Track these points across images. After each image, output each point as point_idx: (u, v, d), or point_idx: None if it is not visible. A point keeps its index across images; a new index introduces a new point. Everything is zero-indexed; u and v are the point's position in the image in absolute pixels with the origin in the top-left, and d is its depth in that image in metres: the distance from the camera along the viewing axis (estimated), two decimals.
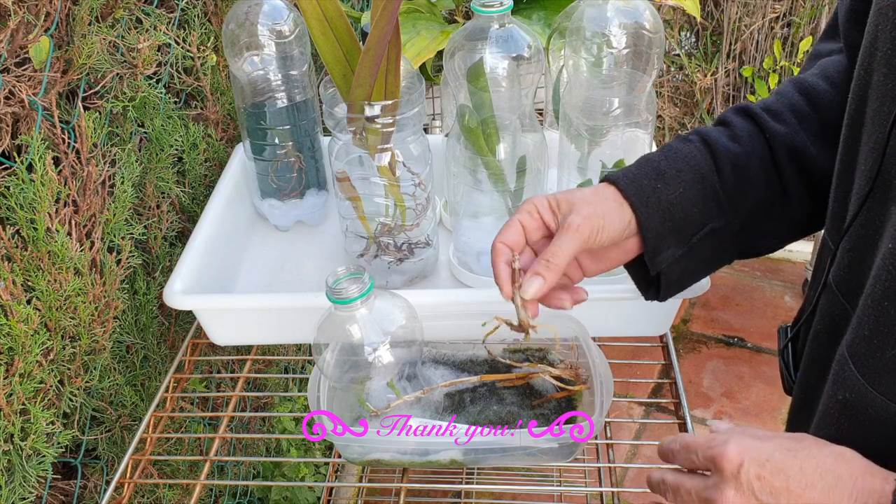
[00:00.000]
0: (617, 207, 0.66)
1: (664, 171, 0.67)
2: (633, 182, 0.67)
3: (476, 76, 0.83)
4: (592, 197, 0.66)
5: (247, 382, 0.99)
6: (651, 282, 0.71)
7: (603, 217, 0.65)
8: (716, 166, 0.68)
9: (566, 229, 0.64)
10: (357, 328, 0.73)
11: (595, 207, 0.65)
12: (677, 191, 0.67)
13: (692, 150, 0.69)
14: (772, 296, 2.34)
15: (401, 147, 0.87)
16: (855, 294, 0.57)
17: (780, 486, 0.50)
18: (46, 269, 0.79)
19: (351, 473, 1.74)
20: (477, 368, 0.83)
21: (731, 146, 0.69)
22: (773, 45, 2.27)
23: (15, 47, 0.76)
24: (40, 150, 0.76)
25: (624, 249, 0.68)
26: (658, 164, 0.68)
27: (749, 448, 0.51)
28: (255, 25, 0.94)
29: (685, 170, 0.67)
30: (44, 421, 0.79)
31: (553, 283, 0.64)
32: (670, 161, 0.68)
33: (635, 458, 1.81)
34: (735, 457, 0.51)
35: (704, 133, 0.70)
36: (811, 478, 0.50)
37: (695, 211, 0.67)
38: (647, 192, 0.66)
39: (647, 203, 0.66)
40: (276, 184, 1.04)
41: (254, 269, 1.02)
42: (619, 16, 0.81)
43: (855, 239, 0.58)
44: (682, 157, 0.68)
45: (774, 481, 0.50)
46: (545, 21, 1.27)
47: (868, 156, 0.56)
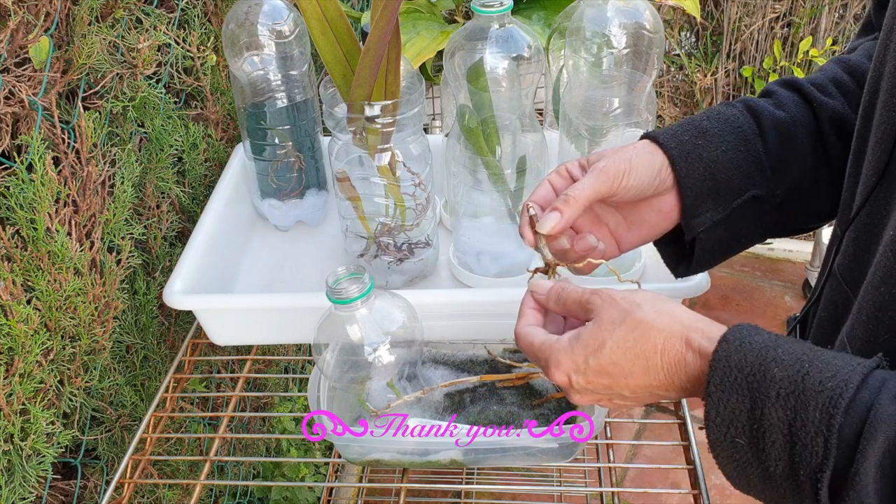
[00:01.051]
0: (648, 155, 0.65)
1: (706, 129, 0.66)
2: (673, 136, 0.65)
3: (476, 76, 0.83)
4: (624, 147, 0.65)
5: (247, 382, 0.99)
6: (683, 255, 0.70)
7: (630, 161, 0.64)
8: (760, 130, 0.66)
9: (591, 171, 0.64)
10: (357, 328, 0.73)
11: (624, 152, 0.64)
12: (719, 149, 0.65)
13: (735, 113, 0.67)
14: (772, 296, 2.34)
15: (401, 147, 0.87)
16: (858, 282, 0.57)
17: (609, 383, 0.55)
18: (46, 269, 0.79)
19: (351, 473, 1.74)
20: (477, 368, 0.83)
21: (776, 113, 0.67)
22: (773, 45, 2.27)
23: (15, 47, 0.76)
24: (40, 150, 0.76)
25: (659, 210, 0.67)
26: (700, 122, 0.66)
27: (568, 365, 0.56)
28: (255, 25, 0.94)
29: (728, 130, 0.66)
30: (44, 421, 0.79)
31: (571, 218, 0.63)
32: (713, 121, 0.66)
33: (635, 458, 1.81)
34: (562, 377, 0.56)
35: (748, 100, 0.69)
36: (626, 367, 0.54)
37: (737, 174, 0.65)
38: (688, 147, 0.65)
39: (686, 157, 0.64)
40: (276, 184, 1.04)
41: (254, 269, 1.02)
42: (619, 16, 0.81)
43: (860, 228, 0.58)
44: (724, 118, 0.67)
45: (601, 381, 0.55)
46: (545, 21, 1.27)
47: (876, 146, 0.56)
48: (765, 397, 0.47)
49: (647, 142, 0.66)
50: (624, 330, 0.54)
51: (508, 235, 0.93)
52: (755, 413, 0.48)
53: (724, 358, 0.50)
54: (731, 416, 0.49)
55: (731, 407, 0.49)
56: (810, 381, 0.47)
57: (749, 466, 0.49)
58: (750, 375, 0.48)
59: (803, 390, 0.46)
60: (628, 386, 0.55)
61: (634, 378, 0.54)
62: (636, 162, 0.64)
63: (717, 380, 0.49)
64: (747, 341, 0.50)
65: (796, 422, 0.46)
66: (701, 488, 0.78)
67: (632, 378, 0.54)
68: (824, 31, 2.25)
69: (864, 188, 0.58)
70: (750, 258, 2.49)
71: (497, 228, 0.93)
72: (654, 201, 0.66)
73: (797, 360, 0.48)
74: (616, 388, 0.55)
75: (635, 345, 0.54)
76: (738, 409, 0.48)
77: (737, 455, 0.50)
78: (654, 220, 0.67)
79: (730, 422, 0.49)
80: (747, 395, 0.48)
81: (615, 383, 0.55)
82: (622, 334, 0.54)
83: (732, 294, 2.35)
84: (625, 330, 0.54)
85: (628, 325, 0.54)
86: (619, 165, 0.63)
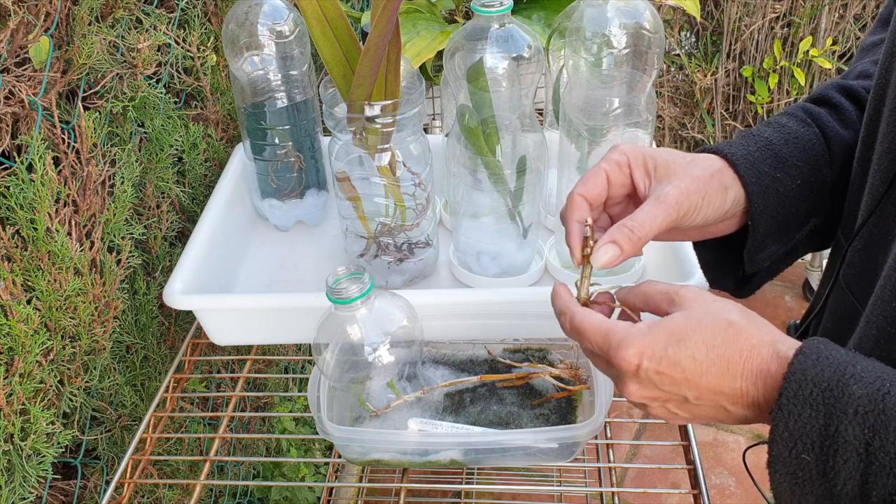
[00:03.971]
0: (720, 188, 0.59)
1: (786, 158, 0.61)
2: (753, 166, 0.60)
3: (476, 76, 0.83)
4: (695, 168, 0.59)
5: (247, 382, 0.99)
6: (728, 269, 0.67)
7: (703, 196, 0.58)
8: (830, 157, 0.63)
9: (660, 201, 0.57)
10: (357, 328, 0.73)
11: (697, 183, 0.58)
12: (795, 182, 0.61)
13: (812, 138, 0.63)
14: (772, 296, 2.34)
15: (401, 147, 0.87)
16: (865, 293, 0.56)
17: (679, 378, 0.51)
18: (46, 269, 0.79)
19: (351, 473, 1.74)
20: (477, 368, 0.83)
21: (843, 133, 0.63)
22: (773, 45, 2.27)
23: (15, 47, 0.76)
24: (40, 150, 0.76)
25: (713, 232, 0.63)
26: (779, 150, 0.62)
27: (643, 348, 0.51)
28: (255, 25, 0.94)
29: (804, 160, 0.62)
30: (44, 421, 0.79)
31: (630, 256, 0.58)
32: (791, 146, 0.62)
33: (635, 458, 1.81)
34: (632, 358, 0.51)
35: (816, 115, 0.64)
36: (704, 365, 0.50)
37: (804, 205, 0.62)
38: (767, 180, 0.60)
39: (764, 193, 0.60)
40: (276, 184, 1.04)
41: (254, 269, 1.02)
42: (619, 16, 0.81)
43: (867, 238, 0.57)
44: (802, 144, 0.62)
45: (673, 373, 0.51)
46: (545, 21, 1.27)
47: (883, 156, 0.55)
48: (841, 414, 0.45)
49: (723, 166, 0.60)
50: (713, 328, 0.51)
51: (508, 235, 0.93)
52: (829, 430, 0.46)
53: (800, 371, 0.47)
54: (801, 431, 0.47)
55: (802, 422, 0.47)
56: (891, 400, 0.45)
57: (810, 484, 0.47)
58: (827, 391, 0.46)
59: (884, 409, 0.45)
60: (698, 387, 0.51)
61: (707, 379, 0.50)
62: (709, 199, 0.59)
63: (790, 393, 0.47)
64: (824, 356, 0.48)
65: (874, 441, 0.44)
66: (701, 488, 0.78)
67: (705, 378, 0.50)
68: (824, 31, 2.25)
69: (870, 198, 0.57)
70: None
71: (497, 228, 0.93)
72: (712, 228, 0.62)
73: (877, 377, 0.46)
74: (683, 388, 0.51)
75: (721, 345, 0.50)
76: (810, 424, 0.46)
77: (799, 472, 0.47)
78: (700, 234, 0.64)
79: (798, 437, 0.47)
80: (822, 410, 0.46)
81: (685, 380, 0.51)
82: (711, 332, 0.51)
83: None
84: (714, 328, 0.51)
85: (719, 325, 0.51)
86: (691, 201, 0.58)
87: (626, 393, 0.53)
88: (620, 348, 0.52)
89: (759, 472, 0.84)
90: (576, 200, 0.59)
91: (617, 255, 0.57)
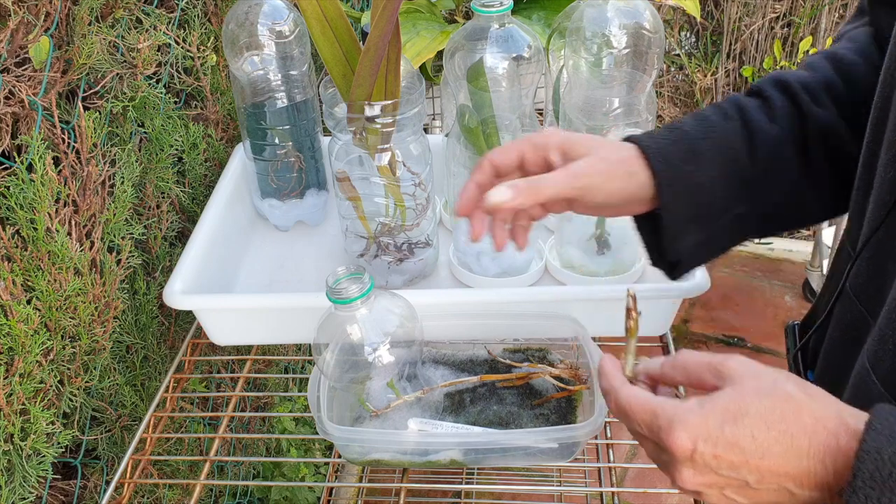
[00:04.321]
0: (626, 177, 0.61)
1: (700, 151, 0.62)
2: (664, 158, 0.62)
3: (476, 76, 0.83)
4: (605, 151, 0.62)
5: (247, 382, 0.99)
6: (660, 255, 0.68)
7: (605, 177, 0.61)
8: (750, 150, 0.63)
9: (565, 170, 0.61)
10: (357, 328, 0.73)
11: (602, 164, 0.61)
12: (708, 175, 0.62)
13: (732, 130, 0.63)
14: (772, 296, 2.34)
15: (401, 147, 0.87)
16: (875, 303, 0.55)
17: (738, 461, 0.46)
18: (46, 269, 0.79)
19: (351, 473, 1.74)
20: (477, 368, 0.83)
21: (769, 129, 0.63)
22: (773, 45, 2.27)
23: (15, 47, 0.76)
24: (40, 150, 0.76)
25: (623, 211, 0.65)
26: (694, 143, 0.62)
27: (697, 429, 0.47)
28: (255, 25, 0.94)
29: (721, 152, 0.62)
30: (44, 421, 0.79)
31: (521, 206, 0.61)
32: (708, 140, 0.62)
33: (635, 458, 1.81)
34: (686, 442, 0.47)
35: (743, 108, 0.64)
36: (765, 444, 0.46)
37: (721, 195, 0.63)
38: (677, 171, 0.61)
39: (674, 183, 0.61)
40: (276, 184, 1.04)
41: (254, 269, 1.02)
42: (619, 16, 0.81)
43: (876, 247, 0.55)
44: (719, 136, 0.63)
45: (731, 457, 0.46)
46: (545, 21, 1.27)
47: (889, 166, 0.54)
48: None
49: (635, 154, 0.62)
50: (771, 401, 0.46)
51: None
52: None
53: (875, 450, 0.43)
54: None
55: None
56: None
57: None
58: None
59: None
60: (759, 469, 0.46)
61: (769, 460, 0.46)
62: (613, 179, 0.61)
63: (866, 474, 0.43)
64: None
65: None
66: None
67: (766, 459, 0.46)
68: (824, 31, 2.25)
69: (877, 207, 0.55)
70: (750, 258, 2.49)
71: None
72: (624, 209, 0.64)
73: None
74: (743, 471, 0.47)
75: (782, 420, 0.46)
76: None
77: None
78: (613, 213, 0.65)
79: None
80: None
81: (746, 463, 0.46)
82: (769, 406, 0.46)
83: (732, 294, 2.35)
84: (772, 402, 0.46)
85: (777, 398, 0.47)
86: (592, 178, 0.61)
87: (679, 481, 0.49)
88: (672, 430, 0.48)
89: None
90: (483, 164, 0.63)
91: (511, 196, 0.60)
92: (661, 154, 0.62)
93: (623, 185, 0.61)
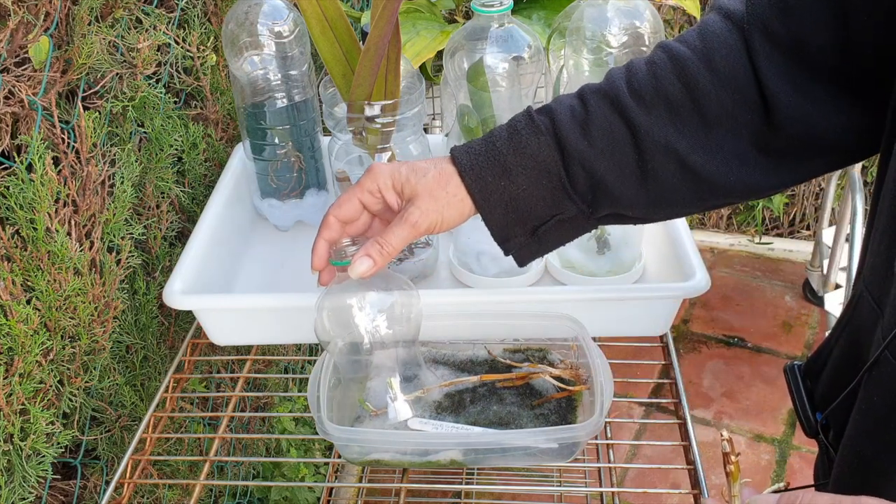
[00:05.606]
0: (458, 203, 0.68)
1: (510, 168, 0.67)
2: (479, 178, 0.67)
3: (476, 76, 0.83)
4: (435, 188, 0.67)
5: (247, 382, 0.99)
6: None
7: (442, 214, 0.67)
8: (564, 165, 0.66)
9: (404, 220, 0.67)
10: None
11: (435, 202, 0.67)
12: (520, 187, 0.67)
13: (541, 147, 0.66)
14: (772, 296, 2.34)
15: (401, 147, 0.87)
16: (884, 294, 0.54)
17: None
18: (46, 269, 0.79)
19: (351, 473, 1.74)
20: (477, 368, 0.83)
21: (583, 148, 0.65)
22: None
23: (15, 47, 0.76)
24: (40, 150, 0.76)
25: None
26: (505, 160, 0.67)
27: None
28: (255, 25, 0.94)
29: (531, 166, 0.66)
30: (43, 421, 0.79)
31: (382, 266, 0.68)
32: (518, 157, 0.66)
33: (635, 459, 1.81)
34: None
35: (557, 123, 0.66)
36: None
37: (539, 204, 0.67)
38: (490, 188, 0.67)
39: (489, 199, 0.67)
40: (276, 184, 1.04)
41: (254, 269, 1.02)
42: (619, 16, 0.81)
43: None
44: (529, 153, 0.66)
45: None
46: (545, 21, 1.27)
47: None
48: None
49: (458, 183, 0.67)
50: None
51: None
52: None
53: None
54: None
55: None
56: None
57: None
58: None
59: None
60: None
61: None
62: (447, 214, 0.68)
63: None
64: None
65: None
66: (701, 488, 0.78)
67: None
68: None
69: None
70: (750, 258, 2.49)
71: None
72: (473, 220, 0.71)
73: None
74: None
75: None
76: None
77: None
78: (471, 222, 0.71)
79: None
80: None
81: None
82: None
83: (732, 294, 2.35)
84: None
85: None
86: (431, 219, 0.67)
87: None
88: None
89: (760, 472, 0.85)
90: (329, 221, 0.69)
91: (371, 265, 0.67)
92: (475, 172, 0.67)
93: (458, 210, 0.68)
